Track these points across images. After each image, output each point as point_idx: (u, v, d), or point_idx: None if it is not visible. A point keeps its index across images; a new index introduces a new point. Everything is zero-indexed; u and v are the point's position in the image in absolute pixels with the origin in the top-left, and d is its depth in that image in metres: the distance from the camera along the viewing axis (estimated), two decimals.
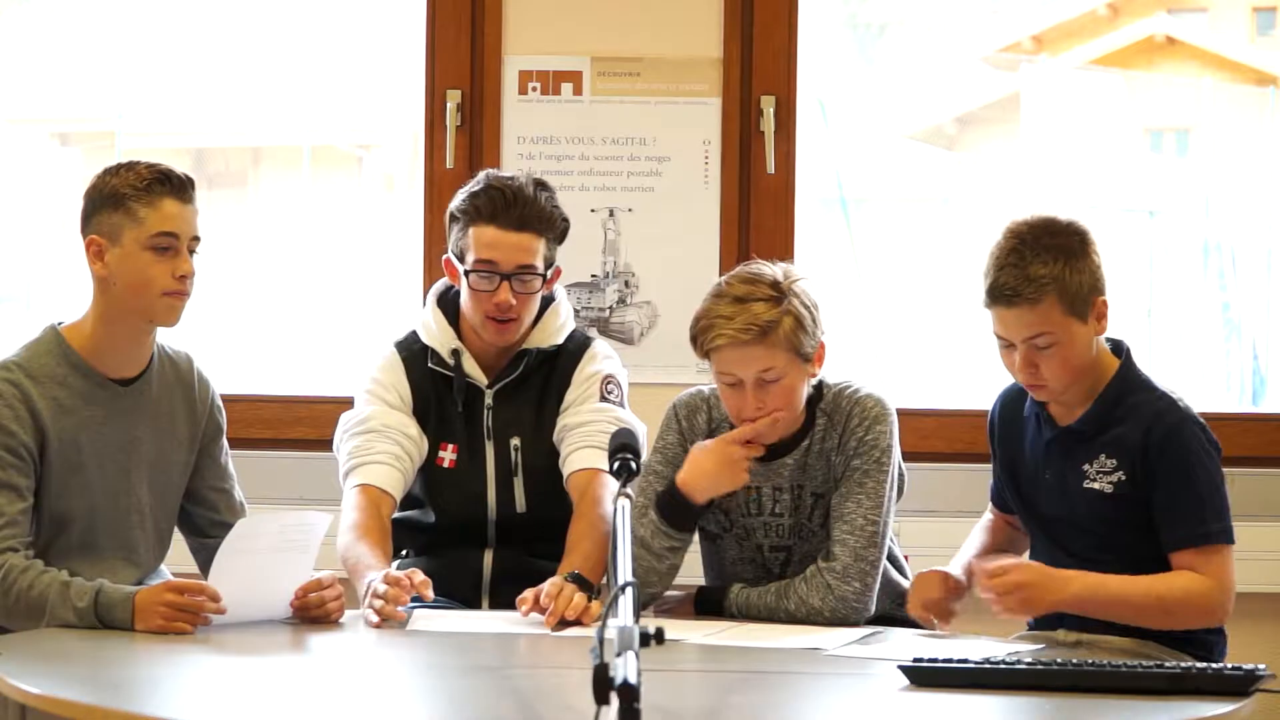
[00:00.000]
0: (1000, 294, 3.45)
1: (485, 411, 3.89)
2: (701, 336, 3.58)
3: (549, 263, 3.85)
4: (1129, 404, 3.51)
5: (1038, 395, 3.53)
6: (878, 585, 3.61)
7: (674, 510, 3.61)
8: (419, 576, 3.51)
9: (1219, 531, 3.48)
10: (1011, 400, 3.68)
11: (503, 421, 3.89)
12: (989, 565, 3.40)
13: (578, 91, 4.78)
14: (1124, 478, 3.49)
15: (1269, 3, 5.59)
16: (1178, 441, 3.47)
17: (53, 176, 5.38)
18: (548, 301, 3.94)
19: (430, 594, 3.53)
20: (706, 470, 3.59)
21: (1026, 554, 3.69)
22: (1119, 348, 3.59)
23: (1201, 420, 3.53)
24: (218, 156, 5.62)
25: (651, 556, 3.62)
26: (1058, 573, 3.44)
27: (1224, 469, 4.84)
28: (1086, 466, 3.51)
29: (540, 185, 3.85)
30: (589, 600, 3.49)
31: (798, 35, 4.77)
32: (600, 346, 3.98)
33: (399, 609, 3.47)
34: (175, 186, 3.53)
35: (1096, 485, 3.50)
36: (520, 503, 3.89)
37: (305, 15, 5.28)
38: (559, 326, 3.93)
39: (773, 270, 3.61)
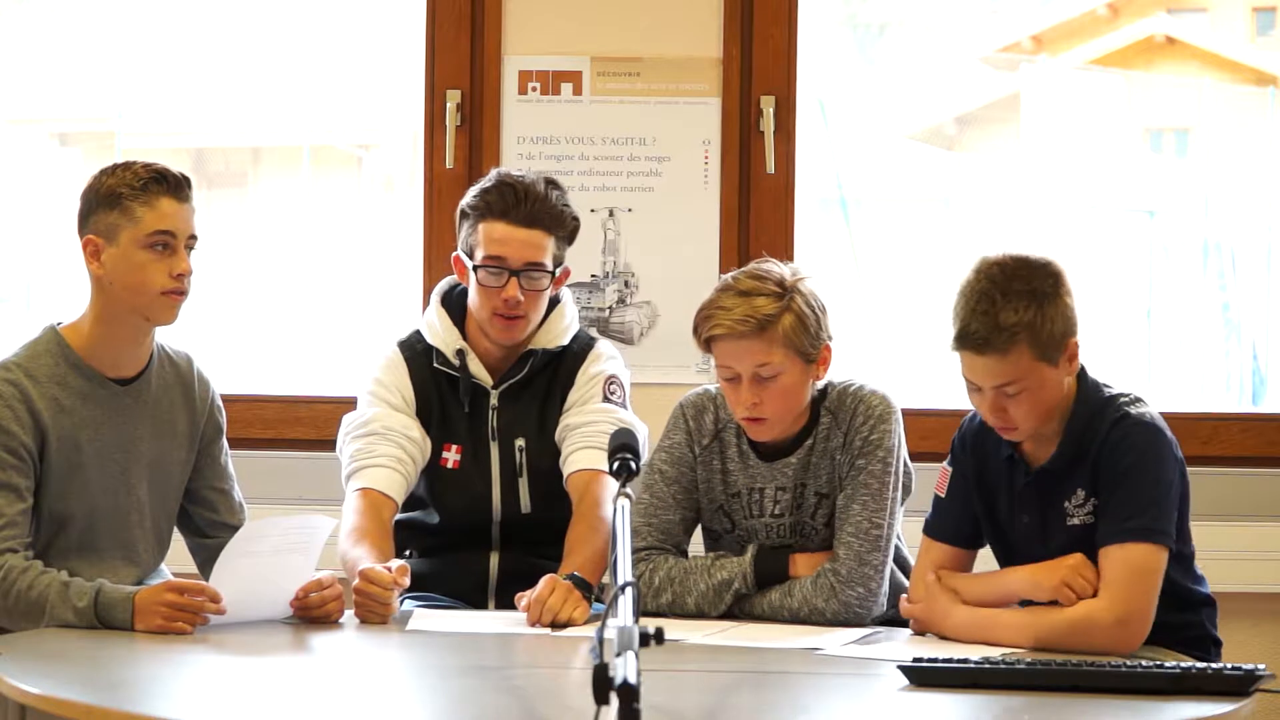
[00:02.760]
0: (970, 341, 3.33)
1: (490, 412, 3.89)
2: (701, 326, 3.59)
3: (558, 262, 3.85)
4: (1094, 431, 3.39)
5: (1007, 436, 3.42)
6: (883, 588, 3.60)
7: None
8: (396, 564, 3.52)
9: (1148, 530, 3.31)
10: (979, 438, 3.52)
11: (507, 422, 3.89)
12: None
13: (577, 91, 4.78)
14: (1096, 502, 3.39)
15: (1269, 3, 5.59)
16: (1125, 443, 3.36)
17: (53, 176, 5.38)
18: (554, 302, 3.93)
19: (406, 581, 3.53)
20: None
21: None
22: None
23: (1160, 425, 3.40)
24: (218, 156, 5.61)
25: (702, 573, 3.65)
26: (940, 609, 3.42)
27: (1224, 469, 4.85)
28: (1066, 504, 3.41)
29: (551, 184, 3.85)
30: (587, 602, 3.51)
31: (797, 35, 4.77)
32: (604, 347, 3.97)
33: (392, 603, 3.49)
34: (172, 185, 3.53)
35: (1077, 521, 3.40)
36: (525, 504, 3.89)
37: (305, 15, 5.28)
38: (564, 327, 3.93)
39: (781, 269, 3.61)
